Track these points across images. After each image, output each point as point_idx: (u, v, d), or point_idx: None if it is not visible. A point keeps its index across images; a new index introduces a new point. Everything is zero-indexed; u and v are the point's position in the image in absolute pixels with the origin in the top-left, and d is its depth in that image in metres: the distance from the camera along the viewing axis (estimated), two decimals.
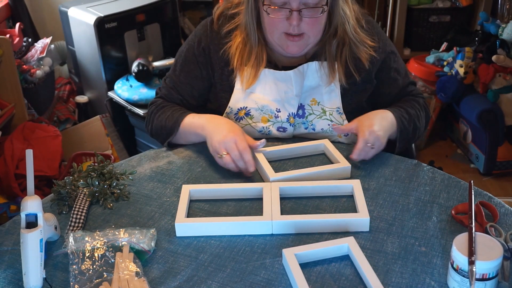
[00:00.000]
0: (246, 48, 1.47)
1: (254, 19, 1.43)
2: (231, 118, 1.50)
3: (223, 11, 1.52)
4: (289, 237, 1.16)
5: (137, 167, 1.42)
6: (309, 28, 1.38)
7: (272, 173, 1.32)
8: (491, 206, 1.20)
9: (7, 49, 2.35)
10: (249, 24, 1.44)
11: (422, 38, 3.42)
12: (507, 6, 3.18)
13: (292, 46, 1.41)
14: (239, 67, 1.48)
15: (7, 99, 2.44)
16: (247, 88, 1.47)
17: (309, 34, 1.40)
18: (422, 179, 1.33)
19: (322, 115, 1.49)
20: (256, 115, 1.49)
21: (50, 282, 1.05)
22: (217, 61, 1.51)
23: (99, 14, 2.65)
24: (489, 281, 0.98)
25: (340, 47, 1.46)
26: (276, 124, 1.49)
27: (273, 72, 1.47)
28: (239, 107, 1.50)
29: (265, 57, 1.46)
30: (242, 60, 1.47)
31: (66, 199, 1.28)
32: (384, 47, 1.51)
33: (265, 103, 1.48)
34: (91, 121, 2.87)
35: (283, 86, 1.47)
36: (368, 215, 1.17)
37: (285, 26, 1.37)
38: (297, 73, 1.46)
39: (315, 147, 1.46)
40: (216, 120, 1.43)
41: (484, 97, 2.83)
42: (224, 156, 1.34)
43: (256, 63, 1.46)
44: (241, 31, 1.47)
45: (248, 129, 1.50)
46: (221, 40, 1.50)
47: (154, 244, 1.13)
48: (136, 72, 2.66)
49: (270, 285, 1.04)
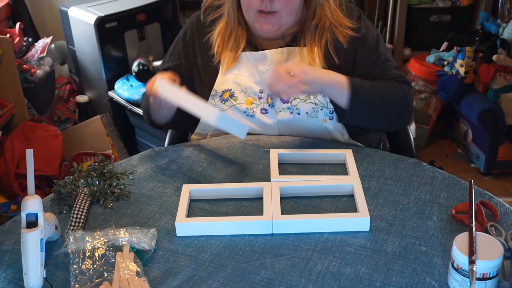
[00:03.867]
0: (227, 31, 1.52)
1: (235, 1, 1.48)
2: (216, 100, 1.53)
3: (211, 3, 1.58)
4: (290, 236, 1.16)
5: (138, 167, 1.42)
6: (281, 6, 1.42)
7: (276, 174, 1.32)
8: (492, 206, 1.20)
9: (7, 49, 2.35)
10: (230, 7, 1.49)
11: (423, 38, 3.42)
12: (507, 6, 3.18)
13: (266, 24, 1.45)
14: (220, 51, 1.52)
15: (8, 99, 2.45)
16: (227, 70, 1.52)
17: (282, 12, 1.43)
18: (422, 179, 1.33)
19: (306, 99, 1.49)
20: (240, 97, 1.52)
21: (51, 282, 1.05)
22: (201, 49, 1.57)
23: (100, 14, 2.65)
24: (489, 280, 0.98)
25: (319, 31, 1.48)
26: (259, 106, 1.52)
27: (252, 54, 1.51)
28: (223, 89, 1.53)
29: (245, 40, 1.51)
30: (223, 44, 1.52)
31: (67, 199, 1.28)
32: (362, 27, 1.51)
33: (248, 84, 1.51)
34: (92, 120, 2.87)
35: (261, 67, 1.51)
36: (368, 214, 1.17)
37: (258, 3, 1.42)
38: (273, 53, 1.49)
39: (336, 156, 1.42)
40: None
41: (484, 97, 2.83)
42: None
43: (236, 45, 1.51)
44: (224, 17, 1.53)
45: (233, 110, 1.52)
46: (206, 29, 1.56)
47: (154, 243, 1.13)
48: (136, 72, 2.66)
49: (270, 285, 1.04)
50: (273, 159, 1.37)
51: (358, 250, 1.11)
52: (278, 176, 1.32)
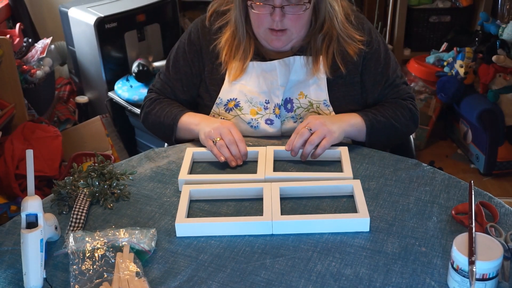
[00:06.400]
0: (235, 41, 1.50)
1: (243, 13, 1.46)
2: (221, 109, 1.53)
3: (216, 9, 1.56)
4: (289, 237, 1.16)
5: (137, 167, 1.42)
6: (292, 24, 1.41)
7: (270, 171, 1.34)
8: (491, 206, 1.20)
9: (7, 50, 2.36)
10: (237, 18, 1.47)
11: (422, 38, 3.42)
12: (507, 6, 3.18)
13: (276, 41, 1.44)
14: (227, 60, 1.51)
15: (8, 99, 2.45)
16: (234, 80, 1.51)
17: (292, 30, 1.43)
18: (422, 179, 1.33)
19: (309, 108, 1.50)
20: (245, 107, 1.52)
21: (51, 282, 1.05)
22: (207, 56, 1.55)
23: (99, 15, 2.65)
24: (489, 281, 0.98)
25: (327, 42, 1.48)
26: (264, 117, 1.51)
27: (260, 64, 1.50)
28: (228, 98, 1.52)
29: (252, 50, 1.50)
30: (230, 53, 1.51)
31: (66, 199, 1.28)
32: (373, 41, 1.51)
33: (254, 95, 1.51)
34: (91, 121, 2.87)
35: (269, 76, 1.50)
36: (368, 215, 1.17)
37: (269, 21, 1.41)
38: (282, 64, 1.49)
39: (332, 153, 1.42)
40: (210, 118, 1.51)
41: (484, 97, 2.83)
42: (218, 141, 1.38)
43: (244, 56, 1.50)
44: (231, 25, 1.51)
45: (237, 120, 1.52)
46: (212, 36, 1.54)
47: (154, 244, 1.13)
48: (136, 73, 2.66)
49: (270, 285, 1.04)
50: (269, 155, 1.39)
51: (358, 250, 1.11)
52: (272, 173, 1.33)
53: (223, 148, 1.39)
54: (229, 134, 1.40)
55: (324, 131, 1.38)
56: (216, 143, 1.39)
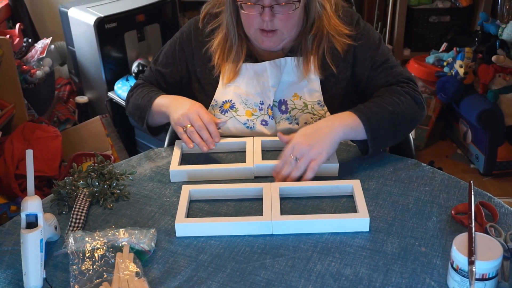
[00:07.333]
0: (227, 44, 1.51)
1: (234, 15, 1.46)
2: (216, 110, 1.53)
3: (209, 10, 1.56)
4: (289, 237, 1.16)
5: (137, 167, 1.42)
6: (282, 24, 1.41)
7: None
8: (491, 206, 1.20)
9: (7, 50, 2.36)
10: (228, 21, 1.47)
11: (422, 39, 3.43)
12: (507, 7, 3.18)
13: (267, 41, 1.44)
14: (220, 62, 1.52)
15: (7, 100, 2.45)
16: (228, 83, 1.51)
17: (283, 30, 1.42)
18: (422, 179, 1.33)
19: (304, 109, 1.50)
20: (240, 108, 1.52)
21: (50, 282, 1.05)
22: (200, 58, 1.56)
23: (99, 15, 2.65)
24: (488, 281, 0.98)
25: (317, 41, 1.48)
26: (260, 118, 1.52)
27: (252, 65, 1.51)
28: (224, 100, 1.52)
29: (245, 52, 1.50)
30: (223, 56, 1.51)
31: (66, 200, 1.28)
32: (362, 32, 1.49)
33: (249, 96, 1.51)
34: (91, 121, 2.87)
35: (261, 78, 1.50)
36: (368, 215, 1.17)
37: (259, 22, 1.41)
38: (272, 65, 1.49)
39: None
40: (180, 99, 1.48)
41: (484, 98, 2.83)
42: (188, 128, 1.38)
43: (236, 59, 1.50)
44: (222, 28, 1.51)
45: (233, 121, 1.52)
46: (205, 38, 1.55)
47: (154, 244, 1.13)
48: (136, 73, 2.66)
49: (270, 285, 1.04)
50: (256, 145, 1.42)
51: (357, 250, 1.11)
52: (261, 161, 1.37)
53: (194, 135, 1.38)
54: (198, 119, 1.38)
55: (311, 155, 1.29)
56: (186, 130, 1.39)
